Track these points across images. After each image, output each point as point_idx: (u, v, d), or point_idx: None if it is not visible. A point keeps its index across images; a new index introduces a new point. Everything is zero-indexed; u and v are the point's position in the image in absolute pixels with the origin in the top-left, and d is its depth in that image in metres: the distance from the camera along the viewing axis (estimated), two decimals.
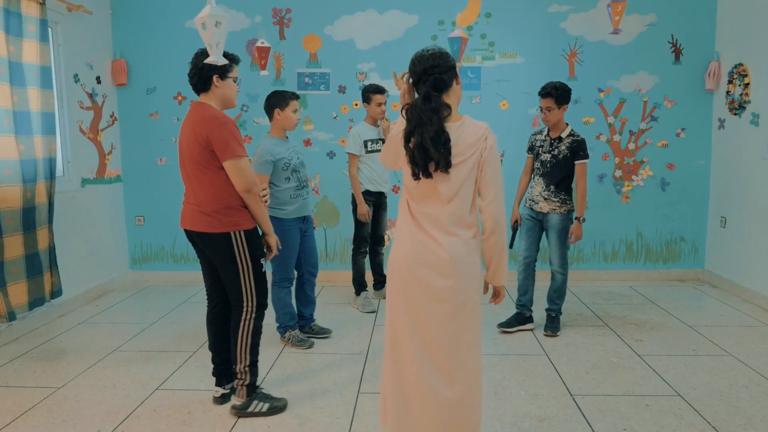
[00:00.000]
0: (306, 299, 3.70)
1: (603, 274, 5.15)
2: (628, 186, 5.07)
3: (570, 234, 3.62)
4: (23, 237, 3.65)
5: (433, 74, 1.91)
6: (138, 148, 5.11)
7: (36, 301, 3.78)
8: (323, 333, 3.72)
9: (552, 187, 3.59)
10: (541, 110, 3.55)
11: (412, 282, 1.98)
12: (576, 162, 3.55)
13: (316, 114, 5.03)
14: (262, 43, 4.06)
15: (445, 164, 1.88)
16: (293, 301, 3.64)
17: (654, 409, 2.68)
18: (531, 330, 3.80)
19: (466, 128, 1.93)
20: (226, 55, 2.48)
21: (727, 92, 4.70)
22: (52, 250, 3.90)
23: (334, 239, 5.13)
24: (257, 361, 2.68)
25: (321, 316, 3.98)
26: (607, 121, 5.02)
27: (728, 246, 4.76)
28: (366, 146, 4.14)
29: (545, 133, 3.66)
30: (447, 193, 1.92)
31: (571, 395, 2.84)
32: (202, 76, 2.50)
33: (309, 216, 3.60)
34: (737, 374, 3.07)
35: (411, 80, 2.00)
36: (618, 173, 5.05)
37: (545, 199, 3.61)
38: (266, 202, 2.65)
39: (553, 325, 3.71)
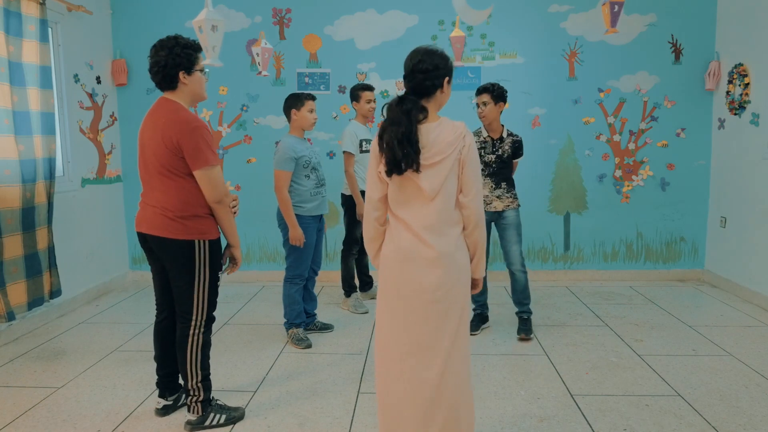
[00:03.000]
0: (308, 296, 3.74)
1: (603, 274, 5.15)
2: (628, 186, 5.06)
3: None
4: (22, 237, 3.65)
5: (416, 79, 1.95)
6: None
7: (35, 301, 3.78)
8: (326, 328, 3.82)
9: (503, 185, 3.66)
10: (477, 106, 3.61)
11: (403, 281, 1.99)
12: (514, 160, 3.74)
13: (316, 114, 5.02)
14: (259, 44, 4.06)
15: (409, 163, 1.89)
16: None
17: (654, 409, 2.68)
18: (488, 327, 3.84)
19: (444, 127, 1.96)
20: (186, 42, 2.37)
21: (727, 92, 4.70)
22: (51, 250, 3.90)
23: (333, 239, 5.12)
24: (209, 375, 2.57)
25: (321, 316, 4.00)
26: (607, 121, 5.02)
27: (728, 246, 4.76)
28: (361, 146, 4.11)
29: (483, 135, 3.67)
30: (430, 190, 1.94)
31: (571, 395, 2.84)
32: (167, 73, 2.35)
33: (323, 216, 3.69)
34: (737, 374, 3.07)
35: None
36: (618, 173, 5.05)
37: (498, 197, 3.64)
38: (235, 213, 2.52)
39: (526, 328, 3.65)
